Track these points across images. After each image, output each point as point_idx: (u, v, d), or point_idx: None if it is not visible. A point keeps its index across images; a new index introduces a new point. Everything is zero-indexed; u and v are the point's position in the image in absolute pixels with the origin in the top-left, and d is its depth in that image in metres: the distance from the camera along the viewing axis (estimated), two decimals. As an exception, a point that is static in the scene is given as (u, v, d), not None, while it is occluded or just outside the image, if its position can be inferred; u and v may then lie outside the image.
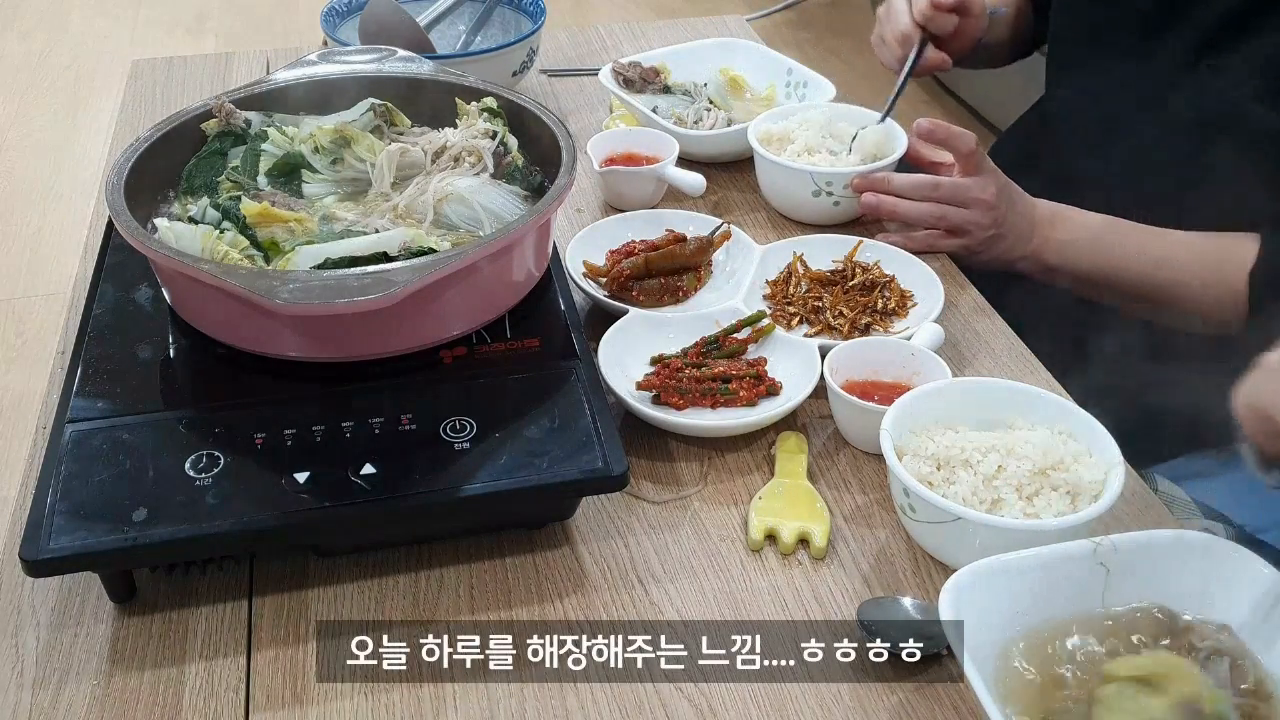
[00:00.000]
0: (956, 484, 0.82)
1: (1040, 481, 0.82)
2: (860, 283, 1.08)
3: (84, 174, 2.94)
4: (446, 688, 0.75)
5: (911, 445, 0.85)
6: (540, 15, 1.47)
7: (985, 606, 0.71)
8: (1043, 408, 0.87)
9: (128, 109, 1.48)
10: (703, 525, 0.88)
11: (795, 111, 1.29)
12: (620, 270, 1.07)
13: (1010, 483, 0.81)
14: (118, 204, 0.88)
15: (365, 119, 1.07)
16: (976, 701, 0.65)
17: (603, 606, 0.81)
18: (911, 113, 1.35)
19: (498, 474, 0.79)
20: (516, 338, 0.91)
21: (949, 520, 0.79)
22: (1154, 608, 0.74)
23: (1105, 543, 0.74)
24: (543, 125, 1.03)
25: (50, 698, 0.74)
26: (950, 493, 0.81)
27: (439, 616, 0.80)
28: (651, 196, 1.25)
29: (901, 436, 0.85)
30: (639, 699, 0.74)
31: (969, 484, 0.82)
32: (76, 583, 0.81)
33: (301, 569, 0.83)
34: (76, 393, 0.84)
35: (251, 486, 0.78)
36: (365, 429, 0.82)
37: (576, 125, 1.43)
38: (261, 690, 0.75)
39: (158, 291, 0.93)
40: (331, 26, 1.45)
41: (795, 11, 3.90)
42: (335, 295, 0.78)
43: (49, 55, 3.57)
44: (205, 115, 1.05)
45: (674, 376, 0.96)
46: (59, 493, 0.76)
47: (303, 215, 0.95)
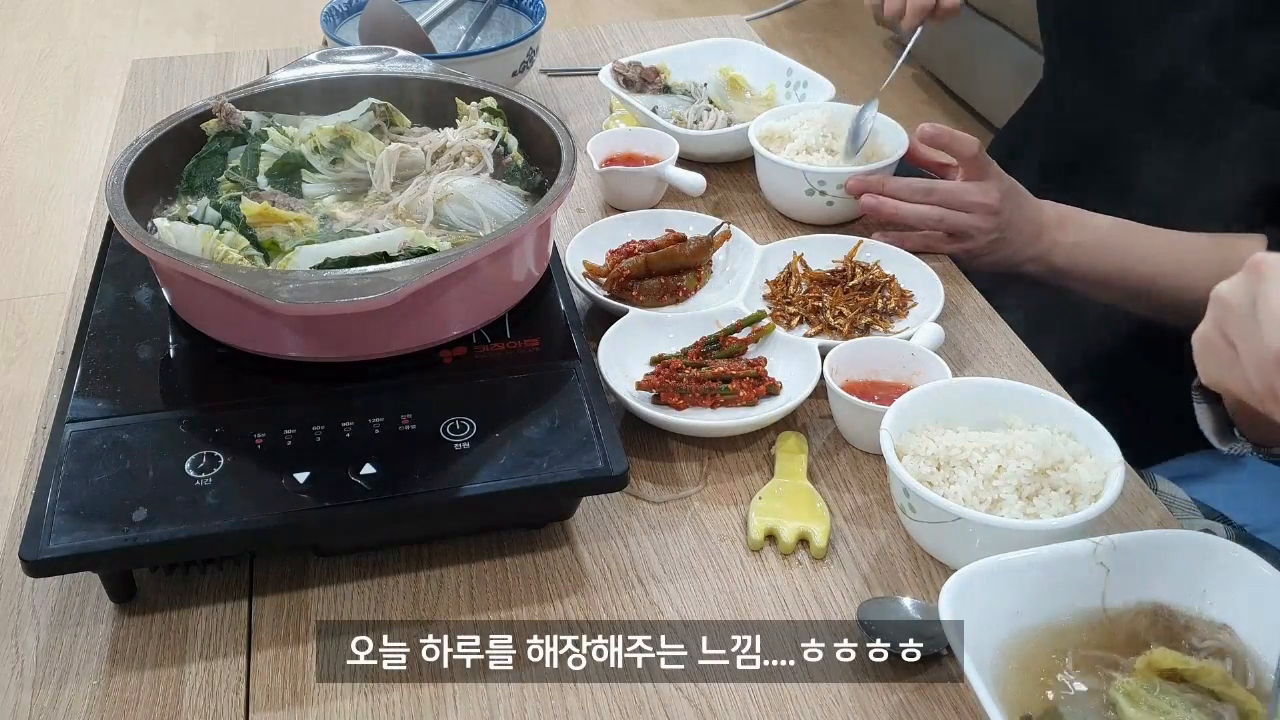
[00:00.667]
0: (956, 484, 0.82)
1: (1040, 481, 0.82)
2: (860, 283, 1.08)
3: (84, 174, 2.94)
4: (446, 688, 0.75)
5: (912, 445, 0.85)
6: (540, 15, 1.47)
7: (985, 607, 0.71)
8: (1043, 407, 0.87)
9: (128, 109, 1.48)
10: (703, 525, 0.88)
11: (796, 111, 1.29)
12: (620, 270, 1.07)
13: (1010, 483, 0.81)
14: (118, 204, 0.88)
15: (365, 119, 1.07)
16: (976, 702, 0.65)
17: (603, 606, 0.81)
18: (909, 112, 1.35)
19: (498, 474, 0.79)
20: (516, 338, 0.91)
21: (949, 520, 0.79)
22: (1154, 607, 0.74)
23: (1105, 542, 0.74)
24: (543, 125, 1.03)
25: (50, 698, 0.74)
26: (950, 493, 0.81)
27: (439, 616, 0.80)
28: (651, 196, 1.25)
29: (901, 436, 0.85)
30: (639, 699, 0.74)
31: (969, 484, 0.82)
32: (76, 583, 0.81)
33: (301, 569, 0.83)
34: (76, 393, 0.84)
35: (251, 486, 0.78)
36: (365, 429, 0.82)
37: (576, 125, 1.43)
38: (261, 690, 0.75)
39: (158, 291, 0.93)
40: (331, 26, 1.45)
41: (795, 11, 3.90)
42: (335, 295, 0.78)
43: (49, 55, 3.57)
44: (205, 115, 1.05)
45: (674, 376, 0.96)
46: (59, 493, 0.76)
47: (303, 215, 0.95)
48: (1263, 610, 0.71)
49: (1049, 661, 0.71)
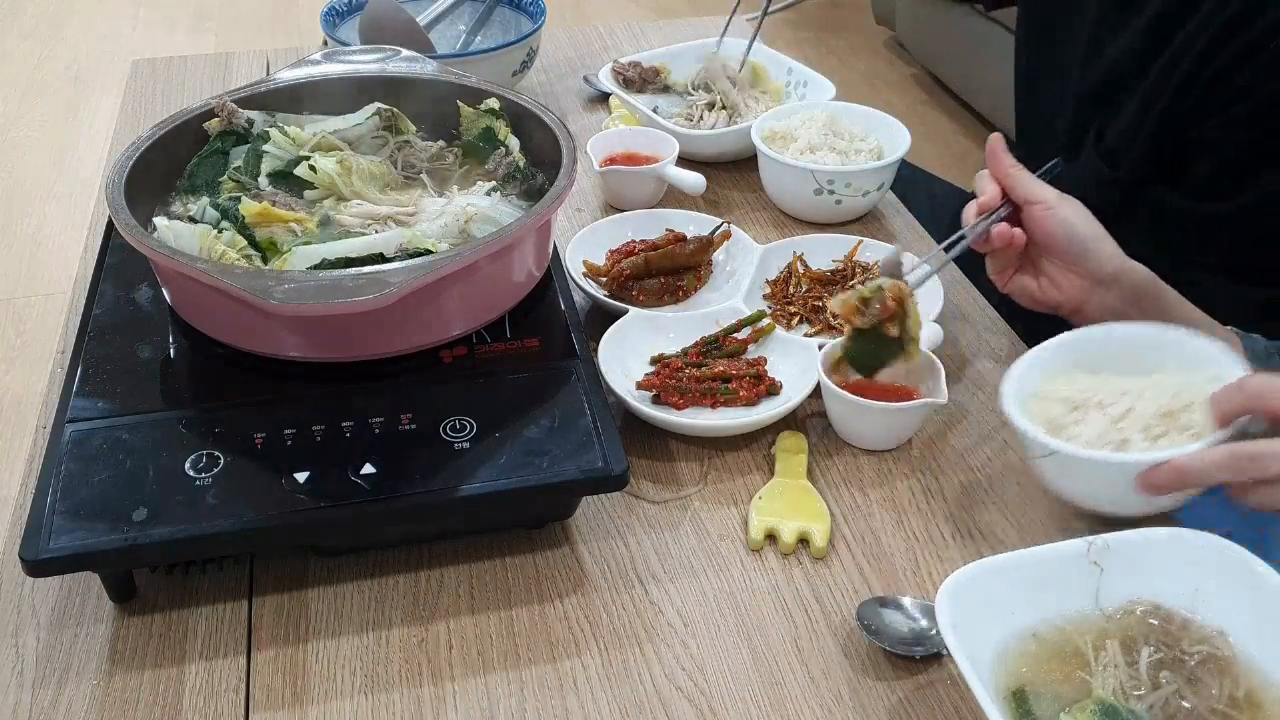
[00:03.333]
0: (1085, 424, 0.82)
1: (1168, 423, 0.81)
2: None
3: (84, 174, 2.94)
4: (446, 688, 0.75)
5: (1048, 389, 0.86)
6: (540, 15, 1.47)
7: (980, 606, 0.71)
8: (1195, 351, 0.85)
9: (128, 109, 1.48)
10: (703, 525, 0.88)
11: (797, 110, 1.29)
12: (620, 270, 1.07)
13: (1136, 424, 0.81)
14: (118, 204, 0.88)
15: (370, 124, 1.06)
16: (974, 701, 0.65)
17: (603, 606, 0.81)
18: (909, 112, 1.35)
19: (498, 474, 0.79)
20: (516, 338, 0.91)
21: (1045, 455, 0.80)
22: (1149, 606, 0.74)
23: (1098, 542, 0.74)
24: (543, 125, 1.03)
25: (50, 698, 0.74)
26: (1076, 434, 0.82)
27: (439, 617, 0.80)
28: (651, 196, 1.25)
29: (1036, 382, 0.86)
30: (639, 699, 0.75)
31: (1098, 425, 0.81)
32: (76, 583, 0.81)
33: (301, 569, 0.83)
34: (76, 392, 0.84)
35: (251, 486, 0.78)
36: (365, 429, 0.82)
37: (576, 125, 1.43)
38: (261, 690, 0.75)
39: (158, 291, 0.93)
40: (331, 26, 1.45)
41: (795, 11, 3.91)
42: (330, 296, 0.78)
43: (49, 55, 3.57)
44: (206, 115, 1.05)
45: (674, 376, 0.96)
46: (59, 493, 0.76)
47: (303, 215, 0.95)
48: (1259, 610, 0.71)
49: (1045, 660, 0.71)
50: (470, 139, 1.07)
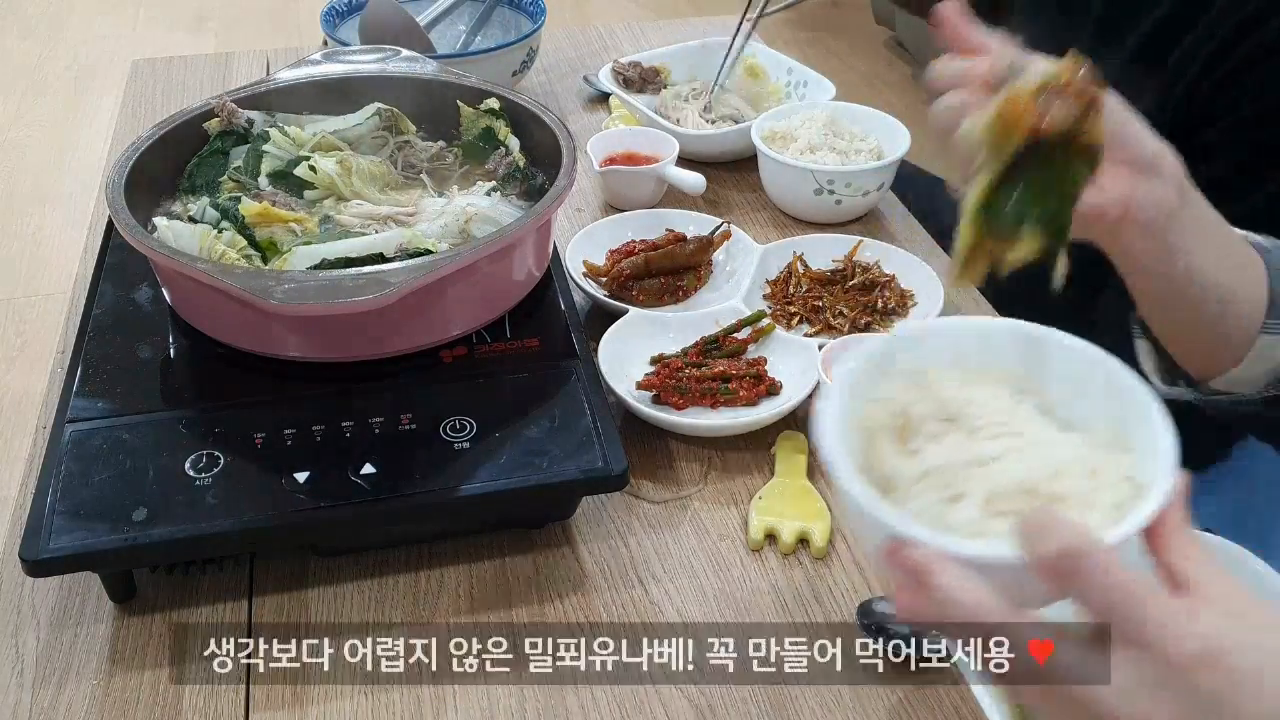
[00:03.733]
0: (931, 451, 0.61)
1: (1019, 504, 0.71)
2: (860, 282, 1.08)
3: (84, 174, 2.94)
4: (446, 688, 0.75)
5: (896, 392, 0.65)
6: (540, 15, 1.47)
7: None
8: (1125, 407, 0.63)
9: (128, 109, 1.48)
10: (703, 525, 0.88)
11: (797, 110, 1.29)
12: (620, 270, 1.07)
13: (984, 486, 0.64)
14: (118, 204, 0.88)
15: (370, 124, 1.06)
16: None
17: (603, 606, 0.81)
18: (909, 112, 1.35)
19: (498, 474, 0.79)
20: (516, 338, 0.91)
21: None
22: None
23: None
24: (543, 125, 1.03)
25: (50, 698, 0.74)
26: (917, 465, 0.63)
27: (439, 617, 0.80)
28: (651, 196, 1.25)
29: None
30: (639, 699, 0.74)
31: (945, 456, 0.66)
32: (76, 583, 0.81)
33: (301, 569, 0.83)
34: (76, 392, 0.84)
35: (251, 486, 0.78)
36: (365, 429, 0.82)
37: (576, 125, 1.43)
38: (261, 690, 0.75)
39: (158, 291, 0.93)
40: (331, 26, 1.45)
41: (795, 11, 3.90)
42: (330, 296, 0.78)
43: (49, 55, 3.57)
44: (206, 115, 1.05)
45: (674, 376, 0.96)
46: (59, 493, 0.76)
47: (303, 215, 0.95)
48: None
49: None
50: (470, 139, 1.07)
